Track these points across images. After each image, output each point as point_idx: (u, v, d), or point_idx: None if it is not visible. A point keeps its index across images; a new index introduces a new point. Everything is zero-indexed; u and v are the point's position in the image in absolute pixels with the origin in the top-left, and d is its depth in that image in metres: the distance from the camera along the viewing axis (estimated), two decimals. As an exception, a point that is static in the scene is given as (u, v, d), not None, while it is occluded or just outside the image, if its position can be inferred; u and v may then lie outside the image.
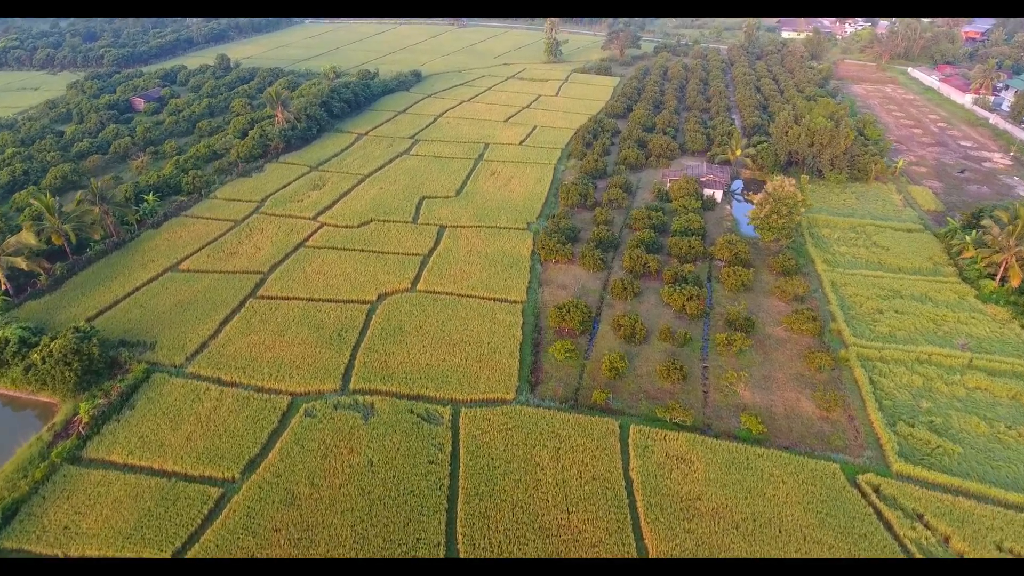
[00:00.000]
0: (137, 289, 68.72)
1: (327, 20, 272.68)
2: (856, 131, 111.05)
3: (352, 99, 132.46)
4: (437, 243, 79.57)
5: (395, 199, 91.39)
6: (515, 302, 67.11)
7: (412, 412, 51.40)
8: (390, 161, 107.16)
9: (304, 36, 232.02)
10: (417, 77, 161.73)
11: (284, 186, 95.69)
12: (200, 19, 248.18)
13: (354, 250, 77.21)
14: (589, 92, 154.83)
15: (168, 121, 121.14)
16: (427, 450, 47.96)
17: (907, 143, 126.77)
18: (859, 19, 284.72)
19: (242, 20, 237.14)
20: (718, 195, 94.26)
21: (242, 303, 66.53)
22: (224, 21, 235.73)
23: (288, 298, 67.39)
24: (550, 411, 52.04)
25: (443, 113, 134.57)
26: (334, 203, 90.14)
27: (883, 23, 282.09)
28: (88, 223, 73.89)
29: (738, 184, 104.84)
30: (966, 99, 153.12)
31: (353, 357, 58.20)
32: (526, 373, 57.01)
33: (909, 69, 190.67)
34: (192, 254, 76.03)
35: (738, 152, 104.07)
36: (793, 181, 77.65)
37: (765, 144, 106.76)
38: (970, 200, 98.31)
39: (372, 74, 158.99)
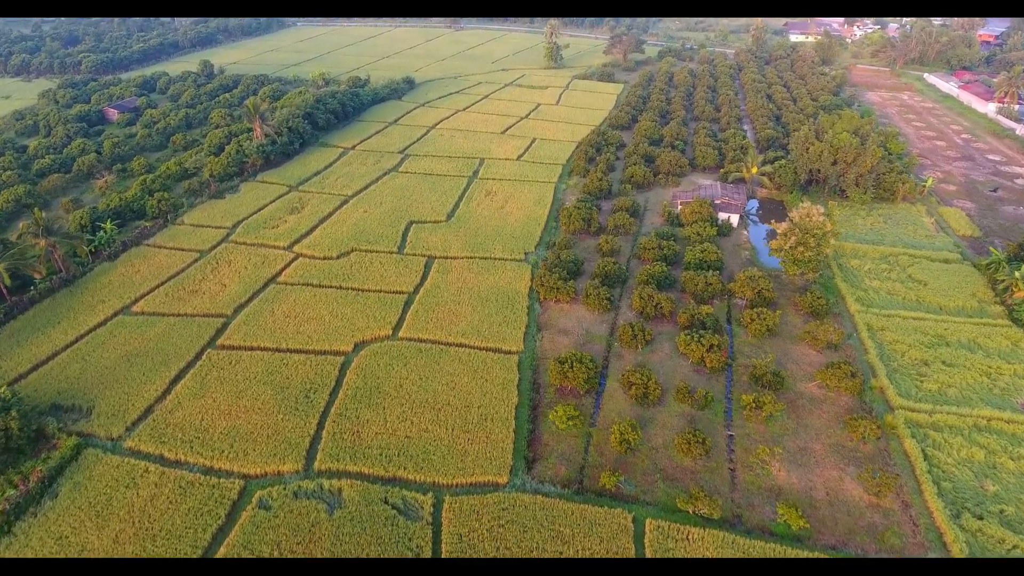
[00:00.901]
0: (81, 337, 60.48)
1: (320, 22, 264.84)
2: (879, 146, 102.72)
3: (339, 110, 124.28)
4: (424, 278, 71.38)
5: (380, 224, 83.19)
6: (510, 352, 58.90)
7: (386, 502, 43.19)
8: (377, 179, 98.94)
9: (295, 39, 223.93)
10: (410, 84, 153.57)
11: (259, 209, 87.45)
12: (188, 22, 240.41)
13: (331, 287, 69.00)
14: (591, 100, 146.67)
15: (140, 134, 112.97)
16: (402, 555, 39.74)
17: (931, 157, 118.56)
18: (868, 22, 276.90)
19: (231, 23, 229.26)
20: (734, 219, 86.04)
21: (199, 354, 58.30)
22: (213, 24, 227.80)
23: (252, 348, 59.17)
24: (550, 499, 43.79)
25: (436, 124, 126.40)
26: (312, 229, 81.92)
27: (892, 25, 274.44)
28: (30, 259, 65.68)
29: (753, 204, 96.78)
30: (989, 108, 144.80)
31: (321, 426, 50.01)
32: (522, 447, 48.78)
33: (925, 75, 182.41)
34: (148, 292, 67.82)
35: (754, 170, 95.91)
36: (821, 209, 69.46)
37: (783, 161, 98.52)
38: (1007, 223, 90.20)
39: (362, 81, 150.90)
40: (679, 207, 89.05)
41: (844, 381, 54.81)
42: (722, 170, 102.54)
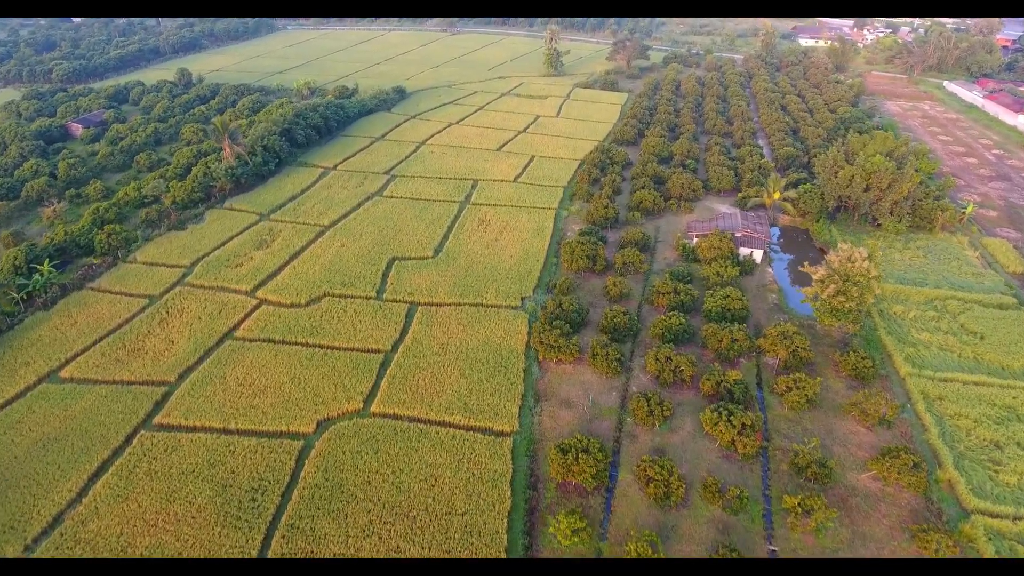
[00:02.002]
0: (-8, 413, 50.93)
1: (311, 25, 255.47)
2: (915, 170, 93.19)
3: (321, 125, 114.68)
4: (405, 331, 61.79)
5: (357, 262, 73.61)
6: (503, 434, 49.36)
7: (340, 663, 33.64)
8: (359, 205, 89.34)
9: (283, 44, 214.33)
10: (401, 94, 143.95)
11: (223, 243, 77.83)
12: (172, 26, 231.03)
13: (296, 344, 59.44)
14: (594, 112, 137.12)
15: (102, 153, 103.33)
16: None
17: (963, 176, 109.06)
18: (878, 25, 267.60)
19: (217, 27, 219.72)
20: (757, 255, 76.48)
21: (129, 437, 48.72)
22: (197, 28, 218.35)
23: (194, 429, 49.59)
24: (551, 656, 34.31)
25: (427, 139, 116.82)
26: (281, 268, 72.36)
27: (904, 29, 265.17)
28: (-60, 315, 56.17)
29: (774, 232, 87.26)
30: (1019, 120, 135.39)
31: (267, 543, 40.41)
32: (516, 573, 39.20)
33: (945, 83, 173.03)
34: (83, 351, 58.21)
35: (776, 195, 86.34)
36: (864, 252, 59.90)
37: (808, 186, 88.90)
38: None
39: (349, 91, 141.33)
40: (695, 240, 79.51)
41: (905, 475, 45.27)
42: (740, 194, 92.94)
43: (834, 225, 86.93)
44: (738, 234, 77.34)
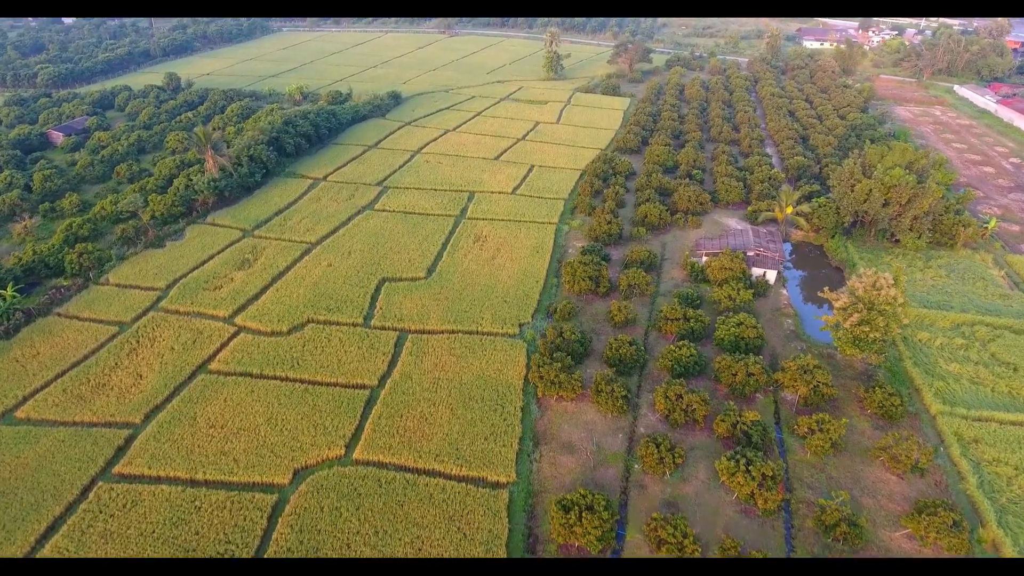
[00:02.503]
0: (-63, 462, 46.34)
1: (306, 27, 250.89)
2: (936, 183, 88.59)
3: (312, 133, 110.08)
4: (394, 363, 57.22)
5: (345, 283, 69.06)
6: (498, 485, 44.79)
7: None
8: (349, 220, 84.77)
9: (277, 47, 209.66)
10: (396, 100, 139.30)
11: (203, 263, 73.24)
12: (165, 28, 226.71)
13: (275, 379, 54.85)
14: (596, 118, 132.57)
15: (82, 163, 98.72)
16: None
17: (981, 186, 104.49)
18: (884, 27, 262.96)
19: (211, 29, 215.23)
20: (771, 276, 71.94)
21: (86, 490, 44.16)
22: (190, 30, 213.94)
23: (157, 479, 45.02)
24: None
25: (422, 148, 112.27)
26: (262, 291, 67.76)
27: (910, 31, 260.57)
28: None
29: (785, 248, 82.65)
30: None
31: (230, 622, 35.84)
32: (512, 659, 34.71)
33: (955, 87, 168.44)
34: (43, 388, 53.62)
35: (788, 210, 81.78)
36: (890, 279, 55.32)
37: (823, 200, 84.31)
38: (1090, 276, 76.18)
39: (343, 97, 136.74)
40: (703, 258, 74.96)
41: (944, 535, 40.68)
42: (750, 208, 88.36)
43: (850, 241, 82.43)
44: (750, 253, 72.78)
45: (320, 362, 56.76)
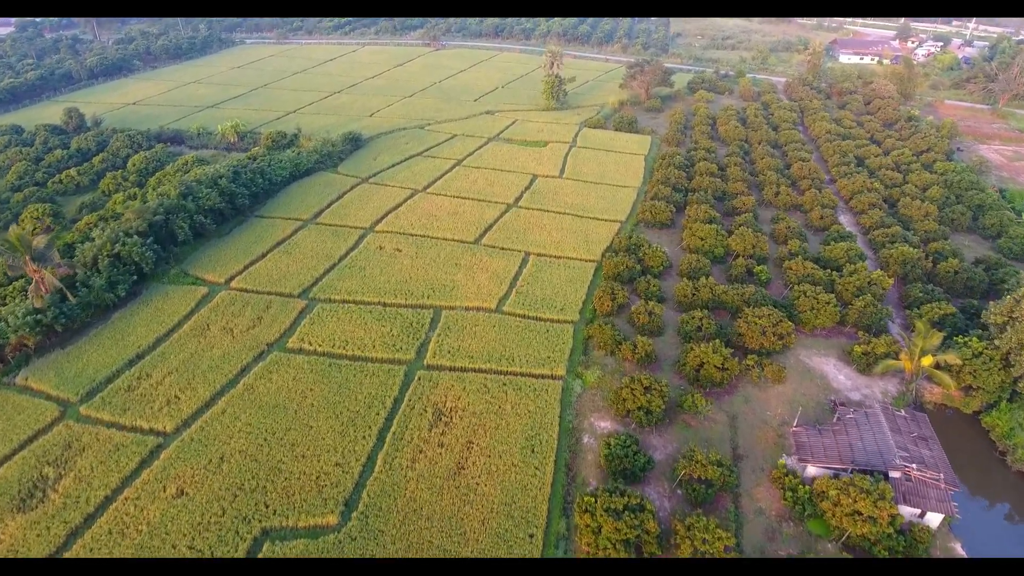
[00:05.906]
0: None
1: (273, 40, 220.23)
2: None
3: (226, 204, 79.96)
4: None
5: (202, 534, 38.93)
6: None
7: None
8: (238, 377, 54.58)
9: (231, 65, 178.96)
10: (355, 144, 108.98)
11: (-36, 489, 43.23)
12: (109, 42, 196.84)
13: None
14: (610, 167, 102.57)
15: None
16: None
17: None
18: (925, 36, 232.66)
19: (156, 45, 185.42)
20: (934, 520, 41.75)
21: None
22: (131, 47, 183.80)
23: None
24: None
25: (378, 222, 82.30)
26: (57, 552, 37.51)
27: (956, 41, 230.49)
28: None
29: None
30: None
31: None
32: None
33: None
34: None
35: (927, 361, 51.76)
36: None
37: (980, 346, 54.00)
38: None
39: (287, 139, 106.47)
40: (808, 469, 44.84)
41: None
42: (856, 347, 57.94)
43: (1020, 409, 52.59)
44: (894, 474, 42.51)
45: None
